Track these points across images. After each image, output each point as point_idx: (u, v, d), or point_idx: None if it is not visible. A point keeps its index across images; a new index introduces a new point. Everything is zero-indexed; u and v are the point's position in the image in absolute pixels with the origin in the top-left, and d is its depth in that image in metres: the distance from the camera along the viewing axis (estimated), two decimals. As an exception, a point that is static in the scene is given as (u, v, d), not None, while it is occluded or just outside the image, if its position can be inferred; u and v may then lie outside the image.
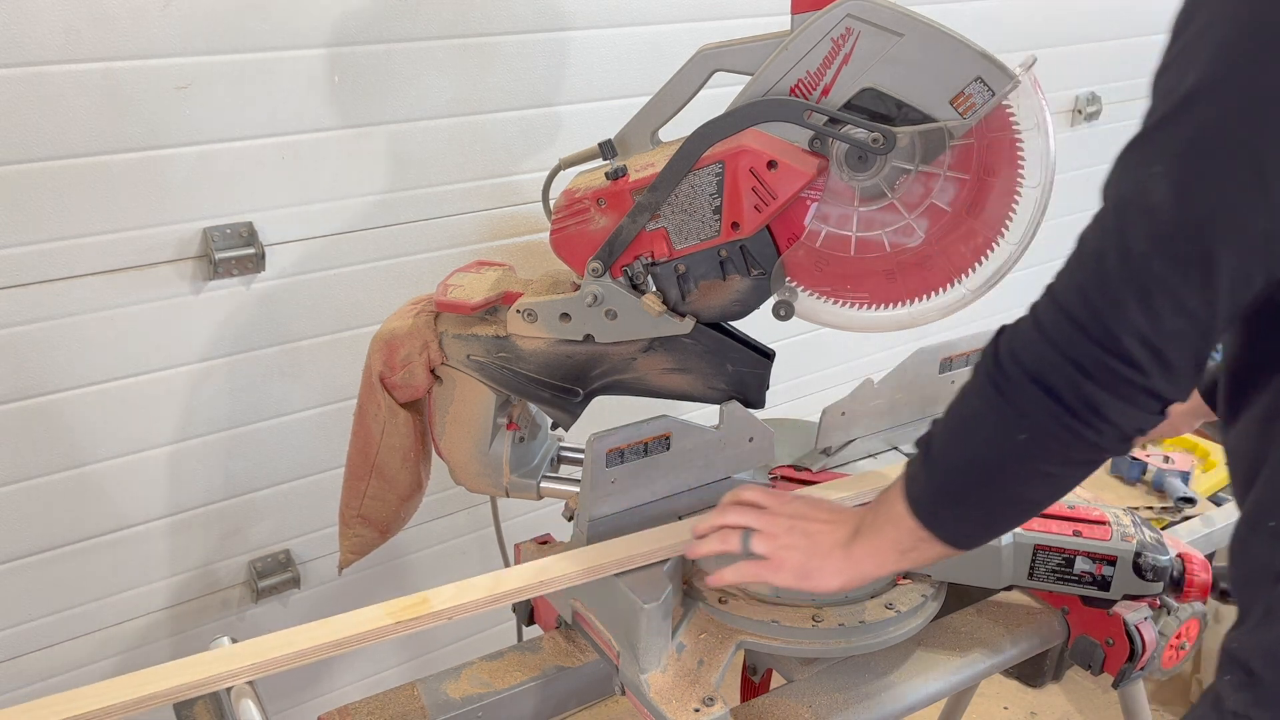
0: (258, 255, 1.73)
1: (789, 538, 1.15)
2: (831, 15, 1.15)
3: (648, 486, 1.32)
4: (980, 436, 0.97)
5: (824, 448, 1.44)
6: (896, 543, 1.06)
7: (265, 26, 1.63)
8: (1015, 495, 0.99)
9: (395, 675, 2.28)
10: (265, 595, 1.99)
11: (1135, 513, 1.34)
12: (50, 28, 1.47)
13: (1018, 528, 1.26)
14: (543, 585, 1.23)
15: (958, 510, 1.02)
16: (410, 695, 1.26)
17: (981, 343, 1.49)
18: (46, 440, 1.68)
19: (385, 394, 1.46)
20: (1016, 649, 1.35)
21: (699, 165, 1.25)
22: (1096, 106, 2.93)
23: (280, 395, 1.88)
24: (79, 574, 1.79)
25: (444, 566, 2.22)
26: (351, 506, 1.57)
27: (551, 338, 1.39)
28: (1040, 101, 1.18)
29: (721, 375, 1.39)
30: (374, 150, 1.81)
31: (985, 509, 1.01)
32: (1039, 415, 0.90)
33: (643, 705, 1.18)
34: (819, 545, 1.13)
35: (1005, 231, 1.23)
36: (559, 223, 1.35)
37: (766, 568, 1.15)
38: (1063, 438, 0.90)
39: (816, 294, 1.32)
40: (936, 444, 1.02)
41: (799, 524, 1.16)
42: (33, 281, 1.58)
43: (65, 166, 1.55)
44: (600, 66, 1.99)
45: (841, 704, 1.23)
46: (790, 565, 1.13)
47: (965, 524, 1.03)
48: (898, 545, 1.06)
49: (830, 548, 1.12)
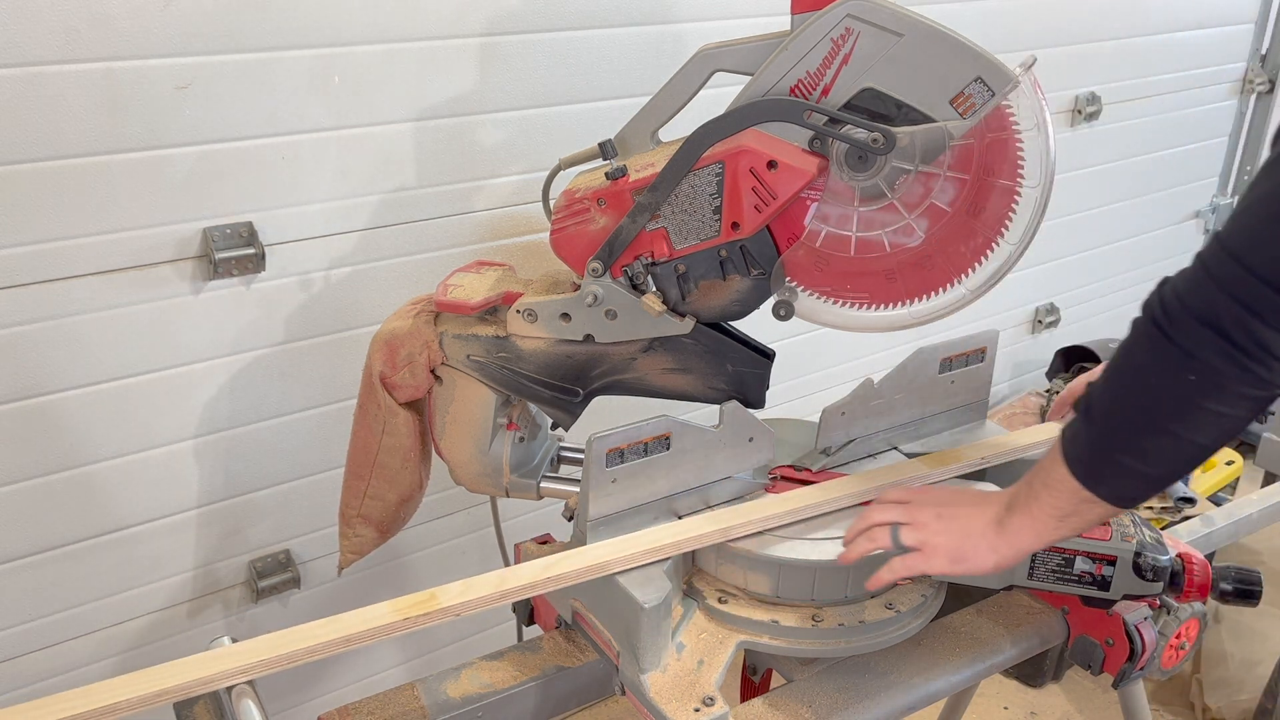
0: (258, 255, 1.73)
1: (937, 524, 1.16)
2: (831, 15, 1.15)
3: (648, 486, 1.32)
4: (1146, 383, 0.97)
5: (824, 448, 1.44)
6: (1055, 509, 1.07)
7: (265, 26, 1.63)
8: (1185, 440, 0.98)
9: (395, 675, 2.28)
10: (265, 595, 1.99)
11: (1135, 513, 1.34)
12: (50, 28, 1.47)
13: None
14: (550, 582, 1.23)
15: (1123, 463, 1.01)
16: (410, 695, 1.26)
17: (982, 343, 1.51)
18: (46, 440, 1.68)
19: (385, 394, 1.46)
20: (1016, 649, 1.35)
21: (699, 165, 1.25)
22: (1096, 106, 2.93)
23: (280, 395, 1.88)
24: (79, 574, 1.79)
25: (444, 566, 2.22)
26: (351, 506, 1.57)
27: (551, 338, 1.39)
28: (1040, 101, 1.18)
29: (721, 375, 1.39)
30: (374, 150, 1.81)
31: (1152, 458, 1.00)
32: (1208, 354, 0.91)
33: (643, 705, 1.18)
34: (970, 527, 1.14)
35: (1005, 231, 1.23)
36: (559, 223, 1.35)
37: (919, 558, 1.16)
38: (1232, 374, 0.91)
39: (816, 294, 1.32)
40: (1097, 400, 1.02)
41: (945, 510, 1.17)
42: (32, 281, 1.58)
43: (65, 166, 1.55)
44: (600, 66, 1.99)
45: (841, 704, 1.23)
46: (943, 550, 1.14)
47: (1130, 478, 1.02)
48: (1056, 511, 1.07)
49: (983, 527, 1.13)
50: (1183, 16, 3.04)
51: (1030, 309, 3.21)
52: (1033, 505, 1.09)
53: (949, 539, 1.15)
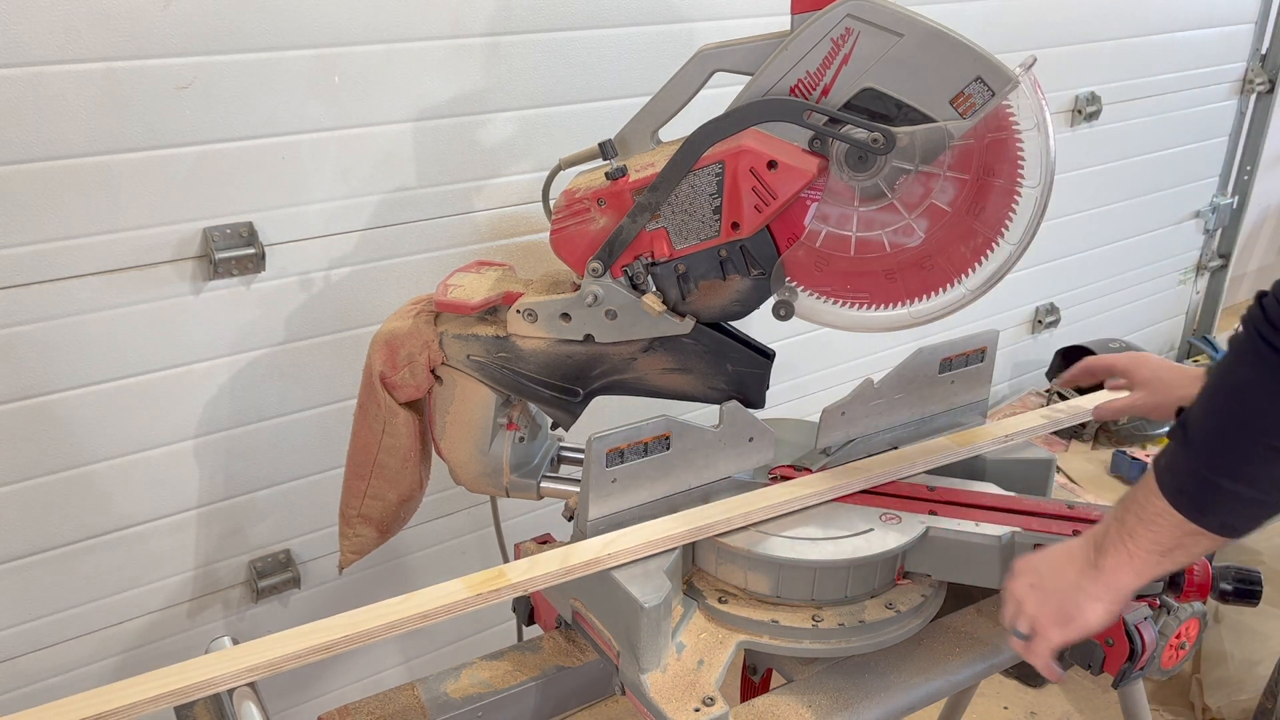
0: (258, 255, 1.73)
1: (1034, 596, 1.11)
2: (831, 15, 1.15)
3: (648, 486, 1.32)
4: (1254, 402, 0.91)
5: (824, 448, 1.44)
6: (1155, 544, 1.00)
7: (265, 26, 1.63)
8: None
9: (395, 675, 2.28)
10: (265, 595, 1.99)
11: (1135, 513, 1.34)
12: (50, 28, 1.47)
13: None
14: (610, 558, 1.23)
15: (1231, 491, 0.94)
16: (410, 695, 1.26)
17: (981, 343, 1.51)
18: (46, 440, 1.68)
19: (385, 394, 1.46)
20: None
21: (699, 165, 1.25)
22: (1096, 106, 2.93)
23: (280, 395, 1.88)
24: (79, 574, 1.79)
25: (444, 566, 2.21)
26: (352, 506, 1.57)
27: (551, 338, 1.39)
28: (1040, 101, 1.18)
29: (721, 375, 1.39)
30: (374, 150, 1.81)
31: (1263, 483, 0.93)
32: None
33: (643, 705, 1.18)
34: (1062, 584, 1.08)
35: (1005, 231, 1.23)
36: (559, 223, 1.35)
37: (1039, 641, 1.11)
38: None
39: (816, 294, 1.32)
40: (1196, 425, 0.96)
41: (1037, 578, 1.12)
42: (33, 281, 1.58)
43: (65, 166, 1.55)
44: (600, 66, 1.99)
45: (841, 704, 1.23)
46: (1049, 621, 1.09)
47: (1240, 506, 0.95)
48: (1157, 546, 1.00)
49: (1076, 579, 1.07)
50: (1183, 16, 3.04)
51: (1030, 309, 3.21)
52: (1128, 542, 1.02)
53: (1049, 607, 1.09)
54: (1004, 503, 1.37)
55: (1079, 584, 1.06)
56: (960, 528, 1.31)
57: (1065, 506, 1.34)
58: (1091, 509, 1.34)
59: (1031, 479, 1.48)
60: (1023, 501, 1.36)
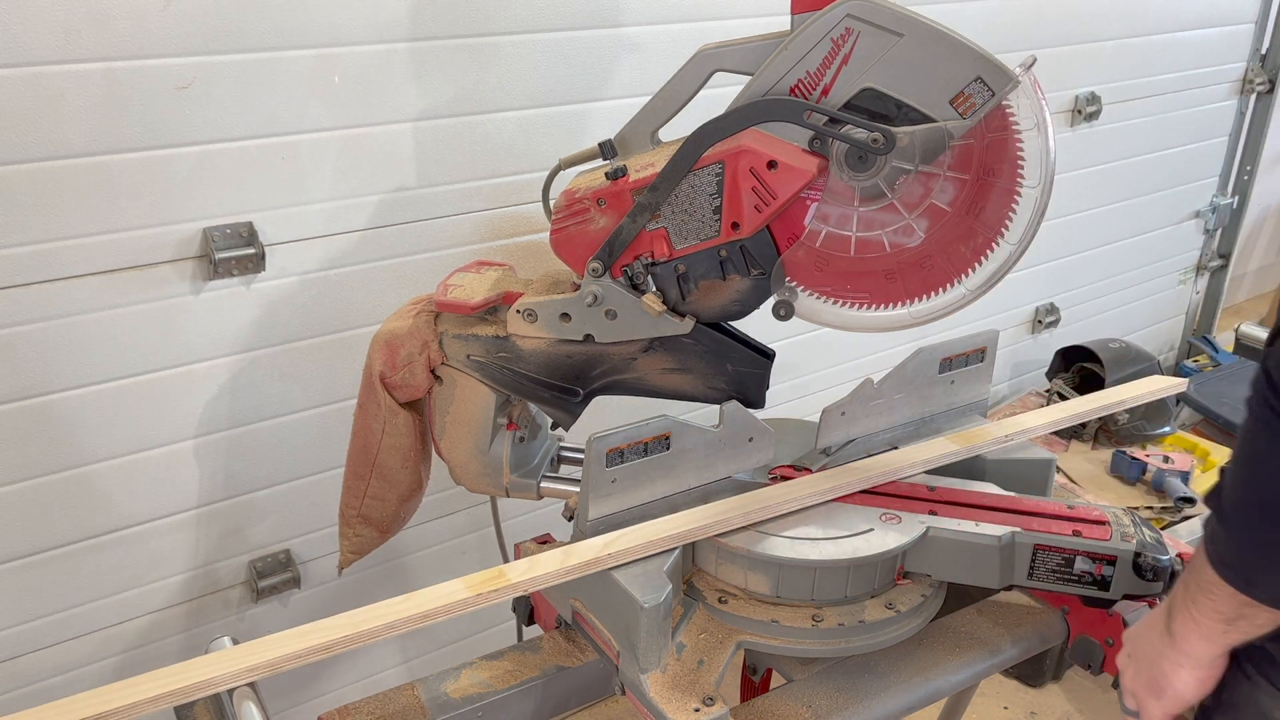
0: (258, 255, 1.73)
1: (1132, 669, 1.11)
2: (831, 15, 1.15)
3: (648, 486, 1.32)
4: (1273, 470, 0.89)
5: (824, 448, 1.44)
6: (1217, 613, 0.98)
7: (265, 26, 1.63)
8: None
9: (395, 675, 2.28)
10: (265, 595, 1.99)
11: (1135, 513, 1.34)
12: (50, 28, 1.47)
13: None
14: (610, 558, 1.23)
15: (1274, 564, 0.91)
16: (410, 695, 1.26)
17: (981, 342, 1.51)
18: (46, 440, 1.68)
19: (385, 394, 1.46)
20: (1016, 649, 1.35)
21: (699, 165, 1.25)
22: (1096, 106, 2.93)
23: (280, 395, 1.88)
24: (79, 574, 1.79)
25: (444, 566, 2.22)
26: (352, 506, 1.57)
27: (551, 338, 1.39)
28: (1040, 101, 1.18)
29: (721, 375, 1.39)
30: (374, 150, 1.81)
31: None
32: None
33: (643, 705, 1.18)
34: (1149, 653, 1.07)
35: (1005, 231, 1.23)
36: (559, 223, 1.35)
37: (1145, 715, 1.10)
38: None
39: (816, 294, 1.32)
40: (1228, 496, 0.93)
41: (1130, 647, 1.11)
42: (33, 281, 1.58)
43: (65, 167, 1.55)
44: (600, 66, 1.99)
45: (841, 704, 1.23)
46: (1145, 691, 1.09)
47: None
48: (1219, 616, 0.98)
49: (1159, 646, 1.05)
50: (1183, 16, 3.04)
51: (1030, 309, 3.21)
52: (1192, 608, 1.00)
53: (1143, 678, 1.08)
54: (1004, 503, 1.37)
55: (1161, 651, 1.05)
56: (960, 528, 1.31)
57: (1065, 506, 1.34)
58: (1092, 509, 1.34)
59: (1031, 479, 1.48)
60: (1023, 501, 1.36)
